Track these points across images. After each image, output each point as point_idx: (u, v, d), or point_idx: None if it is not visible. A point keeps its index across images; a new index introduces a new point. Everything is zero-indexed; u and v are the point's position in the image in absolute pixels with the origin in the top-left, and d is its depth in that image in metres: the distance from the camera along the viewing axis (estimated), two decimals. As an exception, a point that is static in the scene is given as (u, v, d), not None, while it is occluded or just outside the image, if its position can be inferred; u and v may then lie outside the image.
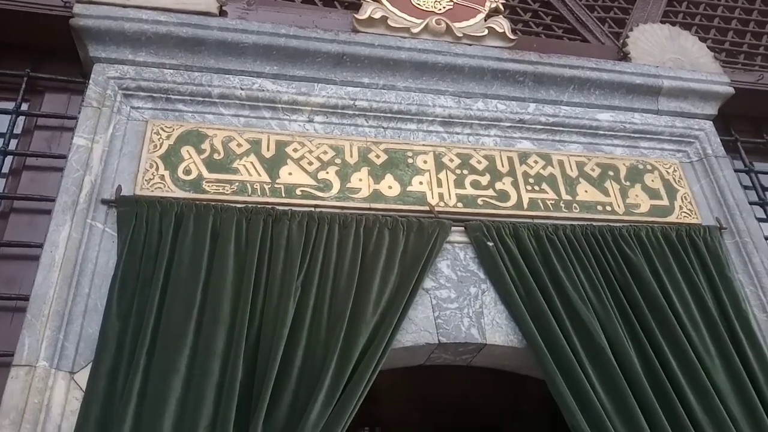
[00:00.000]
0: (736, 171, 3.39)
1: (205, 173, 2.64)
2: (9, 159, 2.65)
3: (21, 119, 2.75)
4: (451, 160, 2.99)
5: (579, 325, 2.53)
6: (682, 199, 3.20)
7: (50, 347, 2.15)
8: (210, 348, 2.16)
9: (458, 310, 2.60)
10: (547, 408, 6.03)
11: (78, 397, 2.10)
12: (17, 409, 2.03)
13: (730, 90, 3.49)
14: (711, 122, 3.48)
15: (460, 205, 2.85)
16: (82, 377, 2.13)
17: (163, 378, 2.08)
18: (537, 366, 2.48)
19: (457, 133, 3.09)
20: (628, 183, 3.17)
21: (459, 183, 2.92)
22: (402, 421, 6.83)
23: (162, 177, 2.59)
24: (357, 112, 2.98)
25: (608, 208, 3.04)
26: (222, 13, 3.01)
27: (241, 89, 2.87)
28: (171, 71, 2.82)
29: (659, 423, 2.35)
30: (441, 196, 2.85)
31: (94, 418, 2.03)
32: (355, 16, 3.17)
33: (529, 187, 2.99)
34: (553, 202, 2.98)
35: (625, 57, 3.53)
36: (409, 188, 2.84)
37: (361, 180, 2.81)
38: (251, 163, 2.72)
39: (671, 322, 2.63)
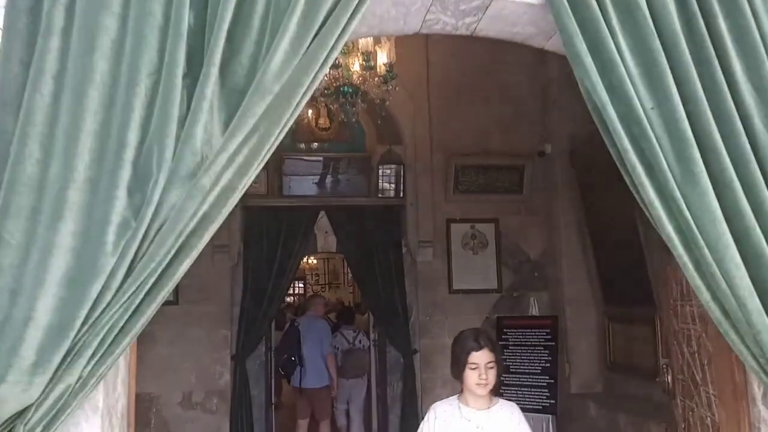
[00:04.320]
0: None
1: None
2: None
3: None
4: None
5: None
6: None
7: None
8: (148, -17, 1.78)
9: (462, -44, 2.10)
10: (567, 147, 5.84)
11: None
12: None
13: None
14: None
15: None
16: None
17: (92, 14, 1.74)
18: (555, 28, 2.06)
19: None
20: None
21: None
22: (426, 163, 6.81)
23: None
24: None
25: None
26: None
27: None
28: None
29: (695, 94, 1.97)
30: None
31: (18, 58, 1.75)
32: None
33: None
34: None
35: None
36: None
37: None
38: None
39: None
